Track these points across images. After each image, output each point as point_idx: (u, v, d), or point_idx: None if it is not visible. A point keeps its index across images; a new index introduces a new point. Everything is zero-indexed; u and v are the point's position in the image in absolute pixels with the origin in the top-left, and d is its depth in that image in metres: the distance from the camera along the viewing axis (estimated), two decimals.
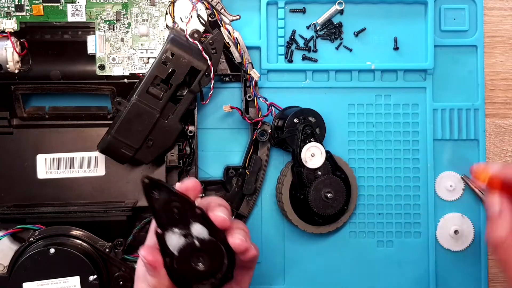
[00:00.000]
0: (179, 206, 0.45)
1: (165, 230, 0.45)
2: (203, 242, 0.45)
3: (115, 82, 0.61)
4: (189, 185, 0.48)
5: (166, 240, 0.45)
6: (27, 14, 0.60)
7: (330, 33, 0.66)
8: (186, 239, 0.45)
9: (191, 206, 0.45)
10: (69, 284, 0.56)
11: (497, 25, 0.67)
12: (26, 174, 0.61)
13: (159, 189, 0.44)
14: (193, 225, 0.45)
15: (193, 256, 0.45)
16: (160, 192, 0.45)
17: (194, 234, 0.45)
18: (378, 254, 0.66)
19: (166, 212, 0.45)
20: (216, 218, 0.46)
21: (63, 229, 0.58)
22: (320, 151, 0.61)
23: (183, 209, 0.45)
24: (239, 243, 0.46)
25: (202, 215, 0.45)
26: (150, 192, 0.44)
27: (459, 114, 0.66)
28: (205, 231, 0.45)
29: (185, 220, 0.45)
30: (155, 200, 0.44)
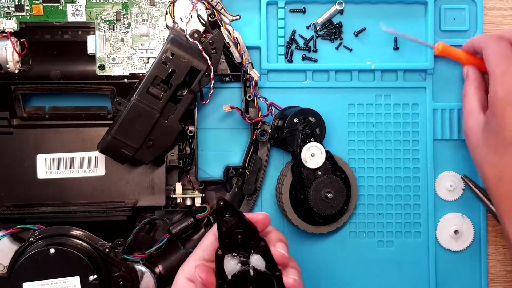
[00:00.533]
0: (245, 234, 0.47)
1: (225, 253, 0.47)
2: (258, 273, 0.47)
3: (115, 82, 0.61)
4: (258, 218, 0.49)
5: (223, 263, 0.46)
6: (27, 14, 0.60)
7: (330, 33, 0.66)
8: (243, 267, 0.46)
9: (256, 236, 0.47)
10: (69, 284, 0.56)
11: (497, 25, 0.67)
12: (26, 174, 0.61)
13: (231, 214, 0.46)
14: (253, 254, 0.47)
15: (244, 285, 0.46)
16: (230, 216, 0.46)
17: (251, 264, 0.47)
18: (378, 254, 0.66)
19: (231, 236, 0.46)
20: (275, 253, 0.48)
21: (63, 229, 0.58)
22: (320, 151, 0.61)
23: (248, 237, 0.47)
24: (293, 284, 0.48)
25: (265, 248, 0.47)
26: (222, 215, 0.46)
27: (459, 114, 0.66)
28: (263, 263, 0.47)
29: (246, 248, 0.47)
30: (224, 222, 0.47)
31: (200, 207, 0.62)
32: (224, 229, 0.47)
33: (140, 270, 0.59)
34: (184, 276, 0.50)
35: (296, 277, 0.48)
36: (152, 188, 0.62)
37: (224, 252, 0.47)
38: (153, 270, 0.61)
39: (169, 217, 0.63)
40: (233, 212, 0.47)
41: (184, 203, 0.62)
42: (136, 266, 0.59)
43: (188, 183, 0.63)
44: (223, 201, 0.47)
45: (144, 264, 0.60)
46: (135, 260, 0.60)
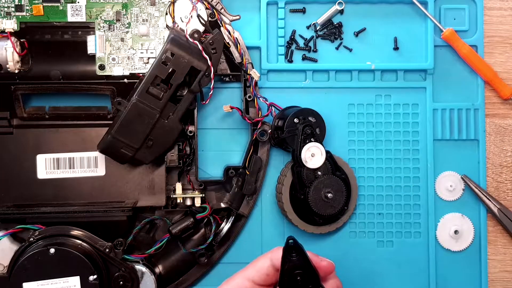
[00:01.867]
0: (305, 276, 0.47)
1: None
2: None
3: (115, 82, 0.61)
4: (322, 264, 0.49)
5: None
6: (27, 14, 0.60)
7: (330, 33, 0.66)
8: None
9: (317, 282, 0.47)
10: (69, 284, 0.56)
11: (497, 25, 0.67)
12: (26, 174, 0.61)
13: (297, 254, 0.47)
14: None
15: None
16: (297, 256, 0.47)
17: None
18: (378, 254, 0.66)
19: (292, 276, 0.47)
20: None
21: (63, 229, 0.58)
22: (320, 151, 0.61)
23: (307, 281, 0.47)
24: None
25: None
26: (289, 253, 0.47)
27: (459, 114, 0.66)
28: None
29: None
30: (288, 260, 0.47)
31: (200, 207, 0.62)
32: (286, 268, 0.47)
33: (140, 270, 0.59)
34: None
35: None
36: (152, 188, 0.62)
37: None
38: (153, 270, 0.61)
39: (169, 217, 0.63)
40: (300, 253, 0.47)
41: (184, 203, 0.62)
42: (136, 266, 0.59)
43: (188, 183, 0.63)
44: (293, 240, 0.47)
45: (144, 264, 0.60)
46: (135, 260, 0.60)
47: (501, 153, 0.67)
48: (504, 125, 0.67)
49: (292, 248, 0.47)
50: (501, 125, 0.67)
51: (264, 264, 0.49)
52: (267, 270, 0.49)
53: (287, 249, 0.47)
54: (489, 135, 0.67)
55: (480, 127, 0.66)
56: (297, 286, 0.47)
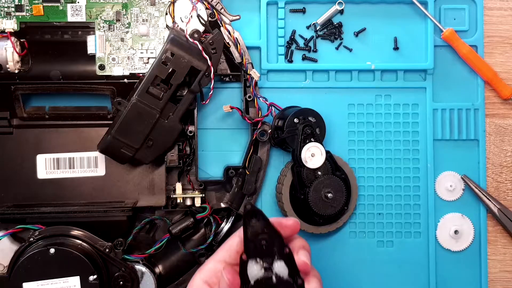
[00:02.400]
0: (269, 240, 0.47)
1: (249, 258, 0.46)
2: (280, 281, 0.46)
3: (115, 82, 0.61)
4: (288, 223, 0.49)
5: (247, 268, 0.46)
6: (27, 14, 0.60)
7: (330, 33, 0.66)
8: (266, 273, 0.46)
9: (281, 243, 0.47)
10: (69, 284, 0.56)
11: (497, 25, 0.67)
12: (26, 174, 0.61)
13: (257, 219, 0.46)
14: (276, 261, 0.47)
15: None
16: (257, 221, 0.46)
17: (274, 270, 0.46)
18: (378, 254, 0.66)
19: (256, 241, 0.46)
20: (298, 261, 0.47)
21: (63, 229, 0.58)
22: (320, 151, 0.61)
23: (273, 244, 0.47)
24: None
25: (288, 255, 0.47)
26: (249, 219, 0.46)
27: (459, 114, 0.66)
28: (286, 271, 0.47)
29: (270, 255, 0.47)
30: (250, 227, 0.46)
31: (200, 207, 0.62)
32: (249, 234, 0.47)
33: (140, 270, 0.59)
34: (201, 278, 0.50)
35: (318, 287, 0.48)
36: (152, 188, 0.62)
37: (248, 257, 0.47)
38: (153, 270, 0.61)
39: (169, 217, 0.63)
40: (259, 217, 0.47)
41: (184, 203, 0.62)
42: (136, 266, 0.59)
43: (188, 183, 0.63)
44: (250, 205, 0.47)
45: (144, 264, 0.60)
46: (135, 260, 0.60)
47: (501, 153, 0.67)
48: (504, 125, 0.67)
49: (251, 213, 0.46)
50: (501, 125, 0.67)
51: (233, 243, 0.49)
52: (236, 247, 0.49)
53: (246, 215, 0.46)
54: (489, 135, 0.67)
55: (480, 127, 0.66)
56: (262, 251, 0.46)
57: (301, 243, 0.50)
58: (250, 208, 0.47)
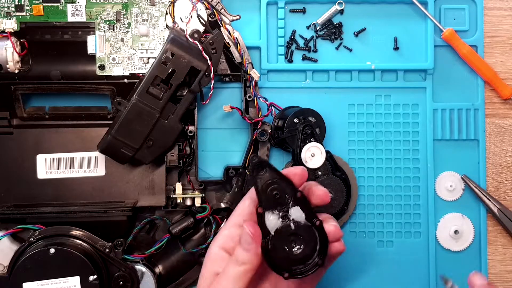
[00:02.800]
0: (281, 188, 0.46)
1: (266, 210, 0.46)
2: (298, 226, 0.46)
3: (115, 82, 0.61)
4: (297, 171, 0.49)
5: (265, 220, 0.46)
6: (27, 14, 0.60)
7: (330, 33, 0.66)
8: (284, 221, 0.46)
9: (293, 189, 0.47)
10: (69, 284, 0.56)
11: (497, 25, 0.67)
12: (26, 174, 0.61)
13: (265, 170, 0.46)
14: (292, 208, 0.47)
15: (287, 239, 0.46)
16: (265, 172, 0.46)
17: (291, 217, 0.46)
18: (378, 254, 0.66)
19: (268, 192, 0.46)
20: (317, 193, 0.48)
21: (63, 229, 0.58)
22: (320, 151, 0.61)
23: (285, 191, 0.47)
24: (334, 229, 0.48)
25: (302, 199, 0.47)
26: (257, 171, 0.46)
27: (459, 114, 0.66)
28: (303, 215, 0.47)
29: (285, 202, 0.47)
30: (259, 179, 0.46)
31: (200, 207, 0.62)
32: (260, 186, 0.46)
33: (140, 270, 0.59)
34: (218, 245, 0.49)
35: (336, 223, 0.48)
36: (152, 188, 0.62)
37: (264, 209, 0.46)
38: (153, 270, 0.61)
39: (169, 217, 0.63)
40: (267, 168, 0.46)
41: (184, 203, 0.62)
42: (136, 266, 0.59)
43: (188, 183, 0.63)
44: (257, 158, 0.47)
45: (144, 264, 0.60)
46: (135, 260, 0.60)
47: (501, 153, 0.67)
48: (504, 125, 0.67)
49: (258, 164, 0.46)
50: (501, 125, 0.67)
51: (244, 205, 0.49)
52: (248, 209, 0.49)
53: (254, 167, 0.46)
54: (489, 135, 0.67)
55: (480, 127, 0.66)
56: (276, 200, 0.46)
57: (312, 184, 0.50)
58: (256, 160, 0.46)
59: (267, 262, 0.46)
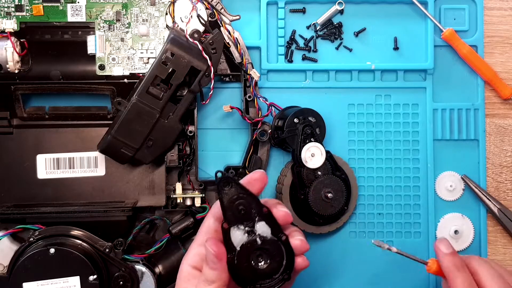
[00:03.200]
0: (247, 204, 0.47)
1: (231, 225, 0.46)
2: (265, 241, 0.47)
3: (115, 82, 0.61)
4: (255, 176, 0.49)
5: (230, 235, 0.46)
6: (27, 14, 0.60)
7: (330, 33, 0.66)
8: (249, 236, 0.46)
9: (258, 204, 0.47)
10: (69, 284, 0.56)
11: (497, 25, 0.67)
12: (26, 174, 0.61)
13: (230, 185, 0.46)
14: (258, 223, 0.47)
15: (253, 254, 0.47)
16: (230, 188, 0.46)
17: (257, 232, 0.47)
18: (378, 254, 0.65)
19: (233, 208, 0.46)
20: (279, 213, 0.48)
21: (63, 229, 0.58)
22: (320, 151, 0.61)
23: (250, 206, 0.47)
24: (300, 244, 0.48)
25: (268, 215, 0.47)
26: (222, 187, 0.46)
27: (459, 114, 0.66)
28: (269, 230, 0.47)
29: (250, 217, 0.47)
30: (225, 195, 0.46)
31: (200, 207, 0.62)
32: (226, 202, 0.46)
33: (140, 270, 0.59)
34: (188, 264, 0.50)
35: (302, 238, 0.49)
36: (152, 188, 0.62)
37: (229, 225, 0.47)
38: (153, 270, 0.61)
39: (169, 217, 0.63)
40: (232, 184, 0.47)
41: (184, 203, 0.62)
42: (136, 266, 0.59)
43: (188, 183, 0.63)
44: (221, 173, 0.47)
45: (144, 264, 0.60)
46: (135, 260, 0.60)
47: (501, 153, 0.67)
48: (504, 125, 0.67)
49: (223, 180, 0.46)
50: (501, 125, 0.67)
51: (209, 223, 0.50)
52: (213, 226, 0.49)
53: (219, 183, 0.46)
54: (489, 135, 0.67)
55: (480, 127, 0.66)
56: (242, 216, 0.46)
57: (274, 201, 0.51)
58: (221, 176, 0.46)
59: (233, 277, 0.47)
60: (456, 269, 0.52)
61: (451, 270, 0.52)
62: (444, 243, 0.53)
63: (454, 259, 0.52)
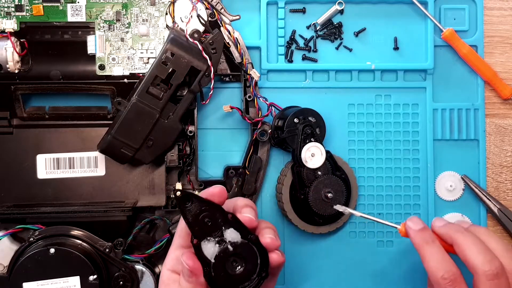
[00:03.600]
0: (211, 215, 0.47)
1: (200, 240, 0.47)
2: (236, 246, 0.47)
3: (115, 82, 0.61)
4: (214, 192, 0.49)
5: (202, 249, 0.47)
6: (27, 14, 0.60)
7: (330, 33, 0.66)
8: (221, 245, 0.47)
9: (222, 212, 0.47)
10: (69, 284, 0.56)
11: (497, 25, 0.67)
12: (26, 174, 0.61)
13: (191, 201, 0.46)
14: (226, 231, 0.47)
15: (228, 261, 0.47)
16: (191, 203, 0.46)
17: (227, 240, 0.47)
18: (378, 254, 0.66)
19: (199, 222, 0.47)
20: (243, 219, 0.48)
21: (63, 229, 0.58)
22: (320, 151, 0.61)
23: (215, 216, 0.47)
24: (270, 242, 0.48)
25: (234, 220, 0.47)
26: (183, 205, 0.46)
27: (459, 114, 0.66)
28: (238, 235, 0.47)
29: (218, 227, 0.47)
30: (188, 212, 0.46)
31: None
32: (190, 219, 0.47)
33: (140, 270, 0.59)
34: (167, 269, 0.51)
35: (272, 235, 0.49)
36: (152, 188, 0.62)
37: (199, 240, 0.47)
38: (153, 270, 0.61)
39: (169, 217, 0.63)
40: (192, 199, 0.47)
41: None
42: (136, 266, 0.59)
43: (188, 183, 0.63)
44: (179, 191, 0.47)
45: (144, 264, 0.60)
46: (135, 260, 0.60)
47: (501, 153, 0.67)
48: (504, 125, 0.67)
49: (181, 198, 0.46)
50: (501, 125, 0.67)
51: (181, 227, 0.50)
52: (185, 230, 0.49)
53: (180, 202, 0.46)
54: (489, 135, 0.67)
55: (480, 127, 0.66)
56: (209, 228, 0.47)
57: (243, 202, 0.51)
58: (179, 194, 0.46)
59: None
60: (425, 243, 0.51)
61: (421, 245, 0.51)
62: (413, 220, 0.53)
63: (423, 233, 0.51)
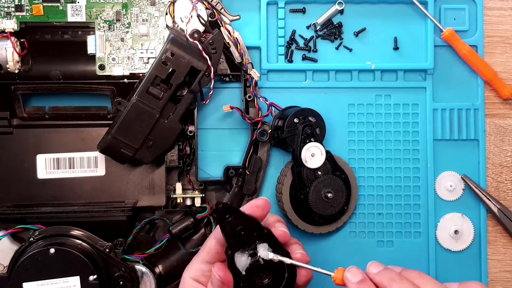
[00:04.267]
0: (247, 228, 0.47)
1: (234, 252, 0.47)
2: (267, 260, 0.48)
3: (115, 82, 0.61)
4: (259, 203, 0.50)
5: (235, 261, 0.47)
6: (27, 14, 0.60)
7: (330, 33, 0.66)
8: (252, 259, 0.47)
9: (259, 227, 0.48)
10: (69, 284, 0.56)
11: (497, 25, 0.67)
12: (26, 174, 0.61)
13: (231, 214, 0.47)
14: (259, 245, 0.48)
15: (257, 274, 0.48)
16: (231, 216, 0.47)
17: (260, 254, 0.48)
18: (378, 254, 0.65)
19: (236, 235, 0.47)
20: (277, 233, 0.49)
21: (63, 229, 0.58)
22: (320, 151, 0.61)
23: (251, 230, 0.48)
24: (301, 257, 0.49)
25: (268, 235, 0.48)
26: (223, 217, 0.47)
27: (459, 114, 0.66)
28: (270, 249, 0.48)
29: (252, 240, 0.48)
30: (226, 224, 0.47)
31: (200, 207, 0.62)
32: (227, 231, 0.47)
33: (140, 270, 0.59)
34: (190, 277, 0.51)
35: (302, 251, 0.50)
36: (152, 188, 0.62)
37: (233, 251, 0.48)
38: (153, 270, 0.61)
39: (169, 217, 0.63)
40: (233, 212, 0.47)
41: (184, 203, 0.62)
42: (136, 266, 0.59)
43: (188, 183, 0.63)
44: (221, 204, 0.48)
45: (144, 264, 0.60)
46: (135, 260, 0.60)
47: (501, 153, 0.67)
48: (504, 125, 0.67)
49: (222, 211, 0.47)
50: (501, 125, 0.67)
51: (211, 244, 0.50)
52: (215, 249, 0.50)
53: (219, 215, 0.47)
54: (489, 135, 0.67)
55: (480, 127, 0.66)
56: (244, 240, 0.47)
57: (275, 218, 0.52)
58: (221, 206, 0.47)
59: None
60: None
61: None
62: (352, 271, 0.48)
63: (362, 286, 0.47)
